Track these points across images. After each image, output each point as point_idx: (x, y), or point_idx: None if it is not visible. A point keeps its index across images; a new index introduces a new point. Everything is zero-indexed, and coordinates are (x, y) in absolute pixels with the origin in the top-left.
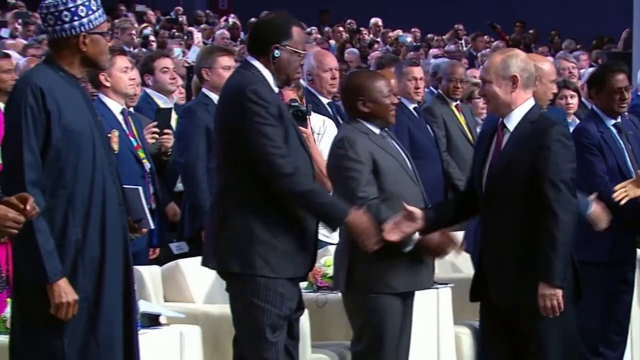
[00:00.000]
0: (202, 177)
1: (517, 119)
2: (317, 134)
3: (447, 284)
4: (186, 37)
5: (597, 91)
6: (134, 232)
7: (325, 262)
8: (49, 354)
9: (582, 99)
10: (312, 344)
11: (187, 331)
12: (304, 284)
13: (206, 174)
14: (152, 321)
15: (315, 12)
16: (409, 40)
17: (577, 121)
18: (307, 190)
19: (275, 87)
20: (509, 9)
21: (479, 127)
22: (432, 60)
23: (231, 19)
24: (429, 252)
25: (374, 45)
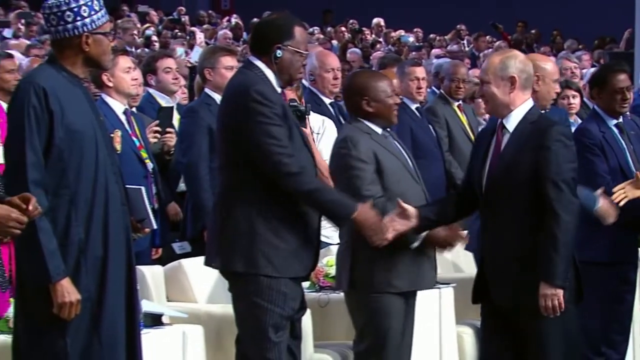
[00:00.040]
0: (205, 177)
1: (516, 120)
2: (316, 134)
3: (449, 283)
4: (188, 37)
5: (598, 91)
6: (137, 232)
7: (327, 262)
8: (52, 353)
9: (584, 99)
10: (314, 344)
11: (189, 331)
12: (306, 284)
13: (209, 174)
14: (155, 321)
15: (317, 13)
16: (411, 40)
17: (579, 121)
18: (313, 188)
19: (277, 87)
20: (511, 9)
21: (481, 127)
22: (435, 60)
23: (233, 19)
24: (436, 245)
25: (376, 45)
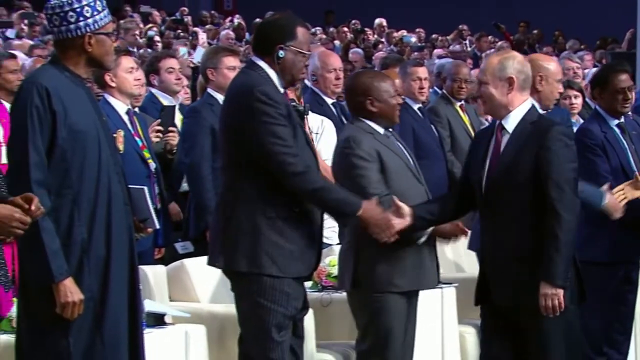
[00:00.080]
0: (207, 177)
1: (515, 121)
2: (315, 134)
3: (451, 283)
4: (191, 37)
5: (600, 91)
6: (140, 231)
7: (330, 261)
8: (55, 353)
9: (586, 99)
10: (316, 344)
11: (192, 330)
12: (308, 284)
13: (211, 174)
14: (158, 320)
15: (320, 13)
16: (413, 40)
17: (581, 121)
18: (319, 187)
19: (280, 88)
20: (513, 9)
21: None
22: (437, 60)
23: (236, 20)
24: (441, 237)
25: (378, 45)
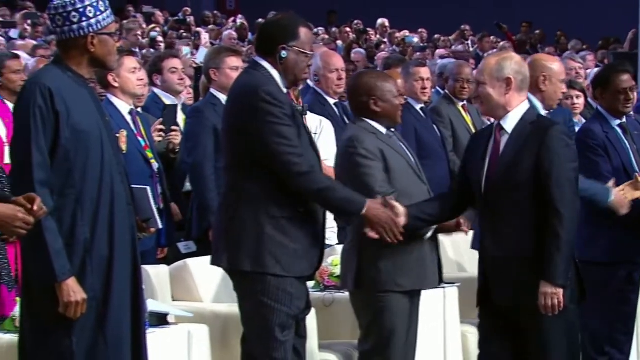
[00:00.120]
0: (210, 177)
1: (514, 121)
2: (313, 134)
3: (453, 283)
4: (194, 37)
5: (602, 91)
6: (142, 231)
7: (332, 261)
8: (58, 352)
9: (589, 100)
10: (319, 343)
11: (195, 330)
12: (311, 283)
13: (214, 174)
14: (160, 320)
15: (322, 13)
16: (415, 40)
17: (583, 121)
18: (324, 187)
19: (283, 88)
20: (515, 10)
21: None
22: (439, 60)
23: (239, 20)
24: (443, 232)
25: (380, 45)
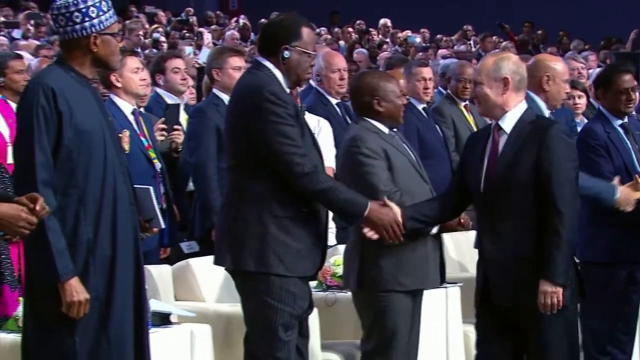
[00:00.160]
0: (213, 176)
1: (512, 121)
2: None
3: (455, 283)
4: (196, 37)
5: (603, 91)
6: (145, 231)
7: (334, 261)
8: (61, 352)
9: (590, 100)
10: (321, 343)
11: (197, 330)
12: (313, 283)
13: (217, 174)
14: (163, 320)
15: (325, 13)
16: (417, 40)
17: (585, 121)
18: (327, 187)
19: (286, 88)
20: (518, 10)
21: None
22: (441, 60)
23: (241, 20)
24: (450, 229)
25: (383, 45)
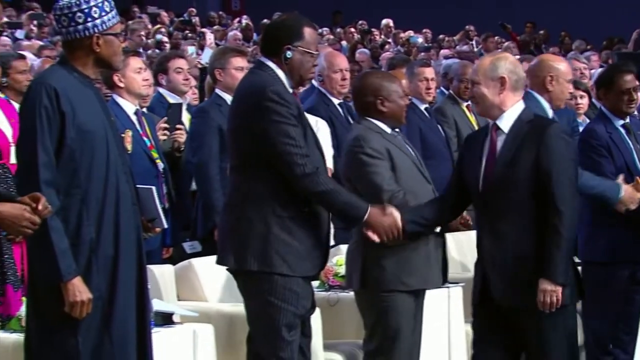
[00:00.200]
0: (215, 176)
1: (510, 120)
2: None
3: (458, 283)
4: (199, 38)
5: (605, 92)
6: (148, 231)
7: (337, 261)
8: (64, 352)
9: (592, 100)
10: (323, 343)
11: (200, 330)
12: (315, 283)
13: (219, 174)
14: (166, 320)
15: (327, 14)
16: (420, 41)
17: (588, 121)
18: (328, 189)
19: (289, 88)
20: (519, 10)
21: None
22: (443, 60)
23: (244, 20)
24: (452, 229)
25: (385, 46)
